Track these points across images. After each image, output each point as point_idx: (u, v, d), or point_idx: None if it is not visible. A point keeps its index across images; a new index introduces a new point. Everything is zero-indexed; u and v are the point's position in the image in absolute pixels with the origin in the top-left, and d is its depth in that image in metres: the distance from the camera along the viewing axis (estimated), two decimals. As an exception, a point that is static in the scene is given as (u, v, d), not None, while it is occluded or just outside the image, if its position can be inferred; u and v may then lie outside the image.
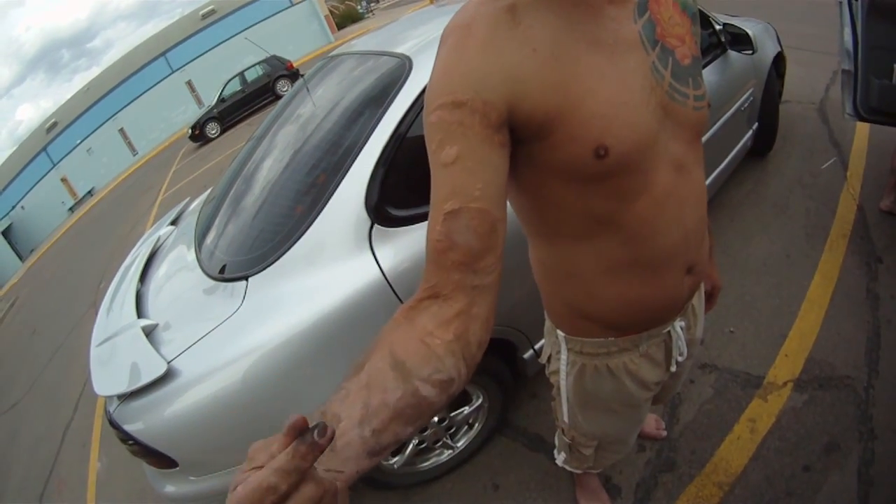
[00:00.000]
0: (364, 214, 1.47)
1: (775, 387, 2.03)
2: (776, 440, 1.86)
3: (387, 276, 1.47)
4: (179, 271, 1.90)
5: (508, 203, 0.66)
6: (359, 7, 45.44)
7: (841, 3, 2.69)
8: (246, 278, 1.49)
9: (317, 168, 1.62)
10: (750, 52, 2.71)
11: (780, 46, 3.50)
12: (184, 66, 25.76)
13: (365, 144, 1.52)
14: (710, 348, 2.25)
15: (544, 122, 0.64)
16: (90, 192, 24.41)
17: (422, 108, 0.72)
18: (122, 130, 25.43)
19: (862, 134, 3.60)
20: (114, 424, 1.42)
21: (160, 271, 2.02)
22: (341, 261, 1.46)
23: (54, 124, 25.65)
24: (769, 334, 2.25)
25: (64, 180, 25.30)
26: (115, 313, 1.81)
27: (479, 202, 0.58)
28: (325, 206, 1.49)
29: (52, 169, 25.33)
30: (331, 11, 33.53)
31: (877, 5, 2.59)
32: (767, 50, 3.15)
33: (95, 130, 25.19)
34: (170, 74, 25.68)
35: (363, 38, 2.43)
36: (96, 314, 1.94)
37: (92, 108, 25.09)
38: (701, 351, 2.23)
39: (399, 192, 1.51)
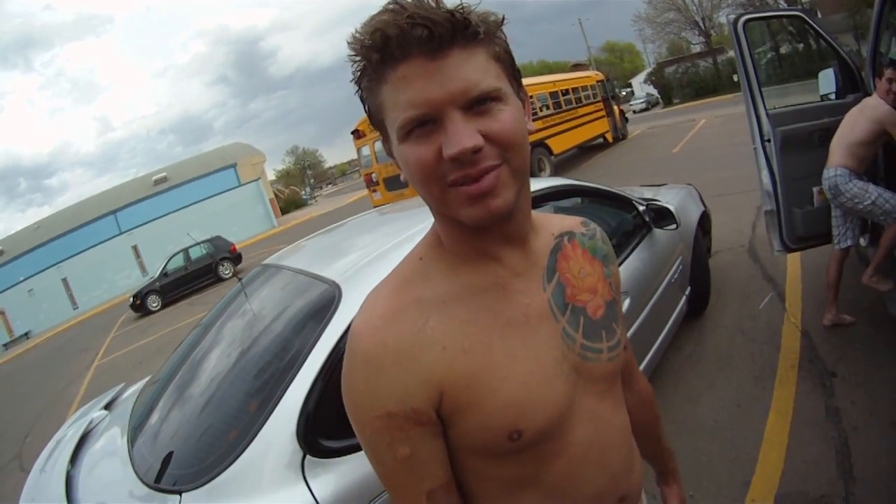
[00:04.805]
0: (296, 446, 1.45)
1: (749, 533, 1.93)
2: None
3: None
4: (111, 464, 1.83)
5: None
6: (303, 193, 47.80)
7: (756, 148, 2.97)
8: (180, 493, 1.43)
9: (249, 394, 1.63)
10: (674, 227, 2.88)
11: (704, 205, 3.79)
12: (131, 229, 26.26)
13: (296, 375, 1.52)
14: (673, 518, 2.17)
15: (456, 413, 0.67)
16: (26, 335, 23.52)
17: None
18: (65, 280, 25.16)
19: (794, 261, 3.80)
20: None
21: (91, 458, 1.95)
22: (275, 490, 1.41)
23: (0, 252, 25.14)
24: (731, 487, 2.19)
25: (2, 314, 24.33)
26: (43, 492, 1.79)
27: (443, 478, 0.69)
28: (256, 434, 1.46)
29: (-10, 298, 24.40)
30: (276, 195, 34.98)
31: (789, 139, 2.87)
32: (691, 215, 3.40)
33: (39, 273, 24.82)
34: (117, 235, 26.11)
35: (303, 245, 2.58)
36: (25, 473, 1.94)
37: (39, 248, 24.90)
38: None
39: (331, 423, 1.49)
